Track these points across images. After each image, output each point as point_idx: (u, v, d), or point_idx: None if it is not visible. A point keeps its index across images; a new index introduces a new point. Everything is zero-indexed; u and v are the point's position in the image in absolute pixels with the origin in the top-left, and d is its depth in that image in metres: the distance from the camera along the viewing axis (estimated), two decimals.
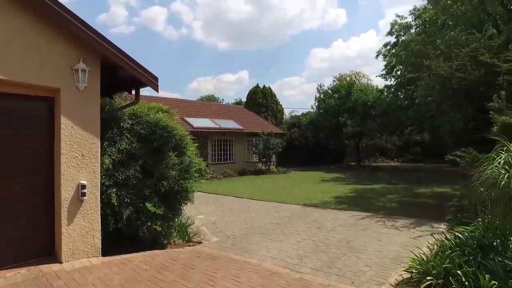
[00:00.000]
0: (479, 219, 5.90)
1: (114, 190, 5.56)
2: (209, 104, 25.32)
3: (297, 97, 79.45)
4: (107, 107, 6.09)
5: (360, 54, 71.62)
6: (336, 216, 9.02)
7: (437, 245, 5.31)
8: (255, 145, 23.07)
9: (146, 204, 5.85)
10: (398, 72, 23.38)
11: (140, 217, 5.83)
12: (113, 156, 5.64)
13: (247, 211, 10.02)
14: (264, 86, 30.81)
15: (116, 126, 5.88)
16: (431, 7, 18.17)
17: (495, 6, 11.82)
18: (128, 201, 5.66)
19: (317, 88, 29.68)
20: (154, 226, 5.87)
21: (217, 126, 21.38)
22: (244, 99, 34.64)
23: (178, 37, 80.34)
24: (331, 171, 24.09)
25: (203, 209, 10.36)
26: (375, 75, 46.60)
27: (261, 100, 29.77)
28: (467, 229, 5.74)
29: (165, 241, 6.29)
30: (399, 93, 22.38)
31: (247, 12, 71.53)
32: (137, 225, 5.84)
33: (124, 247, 6.15)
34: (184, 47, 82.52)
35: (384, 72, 23.76)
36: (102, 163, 5.38)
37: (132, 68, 5.13)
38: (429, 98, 14.94)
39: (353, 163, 31.29)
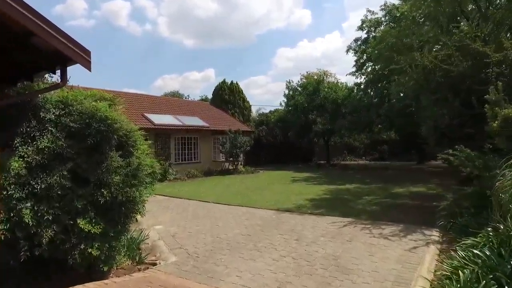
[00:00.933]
0: (488, 229, 5.00)
1: (29, 204, 4.07)
2: (172, 100, 23.68)
3: (263, 96, 79.25)
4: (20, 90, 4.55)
5: (325, 54, 73.09)
6: (315, 223, 7.94)
7: (448, 264, 4.33)
8: (222, 143, 21.72)
9: (78, 221, 4.39)
10: (368, 69, 22.96)
11: (69, 239, 4.37)
12: (28, 157, 4.14)
13: (213, 218, 8.71)
14: (231, 82, 29.49)
15: (34, 117, 4.38)
16: (403, 3, 17.78)
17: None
18: (51, 218, 4.19)
19: (286, 84, 28.82)
20: (90, 250, 4.43)
21: (181, 123, 19.80)
22: (210, 97, 33.10)
23: (142, 33, 77.08)
24: (301, 170, 23.25)
25: (162, 217, 8.93)
26: (341, 75, 46.94)
27: (227, 97, 28.43)
28: (477, 241, 4.83)
29: (105, 268, 4.83)
30: (369, 90, 21.92)
31: (214, 10, 69.89)
32: (65, 249, 4.38)
33: (51, 279, 4.69)
34: (149, 44, 79.35)
35: (354, 69, 23.27)
36: (8, 168, 3.89)
37: (50, 35, 3.67)
38: (402, 94, 14.37)
39: (322, 162, 30.76)
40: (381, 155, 33.39)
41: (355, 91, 24.38)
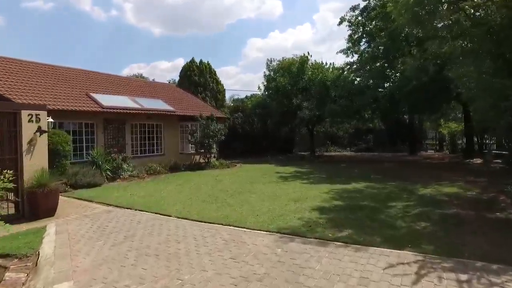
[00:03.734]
0: None
1: None
2: (128, 80, 19.43)
3: (234, 86, 75.70)
4: None
5: (296, 45, 71.56)
6: (358, 267, 4.48)
7: None
8: (191, 132, 17.87)
9: None
10: (362, 47, 19.76)
11: None
12: None
13: (174, 257, 5.05)
14: (201, 61, 25.46)
15: None
16: None
17: None
18: None
19: (267, 64, 25.17)
20: None
21: (139, 107, 15.74)
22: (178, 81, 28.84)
23: (107, 20, 70.68)
24: (284, 163, 19.91)
25: (82, 257, 5.15)
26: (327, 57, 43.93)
27: (197, 78, 24.46)
28: None
29: None
30: (367, 68, 18.72)
31: None
32: None
33: None
34: (115, 31, 73.09)
35: (349, 45, 19.91)
36: None
37: None
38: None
39: (304, 153, 27.63)
40: (367, 145, 30.75)
41: (346, 72, 21.16)
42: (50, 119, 9.75)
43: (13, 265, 5.07)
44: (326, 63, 24.32)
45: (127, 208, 8.47)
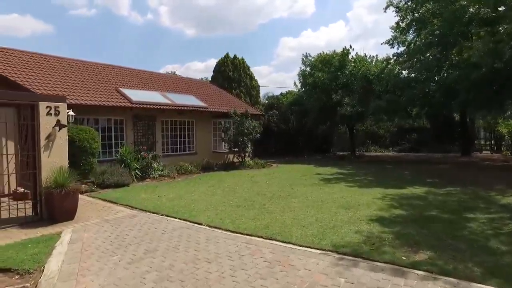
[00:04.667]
0: None
1: None
2: (159, 76, 18.69)
3: (265, 87, 74.65)
4: None
5: (329, 44, 69.24)
6: None
7: None
8: (225, 129, 16.85)
9: None
10: (410, 37, 17.82)
11: None
12: None
13: (204, 285, 3.89)
14: (235, 56, 24.45)
15: None
16: None
17: None
18: None
19: (302, 59, 23.69)
20: None
21: (170, 102, 14.91)
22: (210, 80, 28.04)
23: (144, 23, 72.33)
24: (323, 164, 18.43)
25: (94, 275, 4.13)
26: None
27: (231, 74, 23.46)
28: None
29: None
30: (417, 59, 16.74)
31: None
32: None
33: None
34: (151, 34, 74.68)
35: (395, 34, 18.00)
36: None
37: None
38: None
39: (343, 153, 25.90)
40: (410, 145, 28.38)
41: (391, 64, 19.25)
42: (71, 112, 9.00)
43: (9, 286, 4.14)
44: (369, 56, 22.51)
45: (153, 213, 7.48)
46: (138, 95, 13.99)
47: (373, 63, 21.60)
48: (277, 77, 75.51)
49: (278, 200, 8.72)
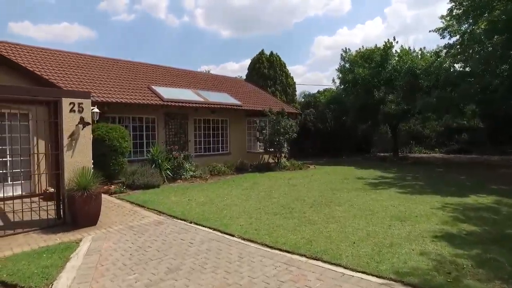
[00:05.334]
0: None
1: None
2: (192, 73, 18.20)
3: (300, 86, 72.98)
4: None
5: (366, 41, 66.65)
6: None
7: None
8: (260, 128, 16.02)
9: None
10: (466, 25, 16.01)
11: None
12: None
13: None
14: (271, 53, 23.57)
15: None
16: None
17: None
18: None
19: (341, 55, 22.35)
20: None
21: (203, 100, 14.31)
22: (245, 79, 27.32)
23: (180, 25, 73.67)
24: (364, 166, 17.12)
25: None
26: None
27: (267, 71, 22.60)
28: None
29: None
30: (475, 49, 14.94)
31: None
32: None
33: None
34: (186, 35, 75.89)
35: (448, 22, 16.23)
36: None
37: None
38: None
39: (384, 154, 24.26)
40: (461, 146, 26.07)
41: (443, 56, 17.48)
42: (96, 109, 8.54)
43: None
44: (414, 49, 20.75)
45: (180, 220, 6.77)
46: (170, 93, 13.50)
47: (420, 57, 19.84)
48: (311, 76, 73.82)
49: (319, 207, 7.74)
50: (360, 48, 21.84)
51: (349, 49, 22.38)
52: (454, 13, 15.69)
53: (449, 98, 15.94)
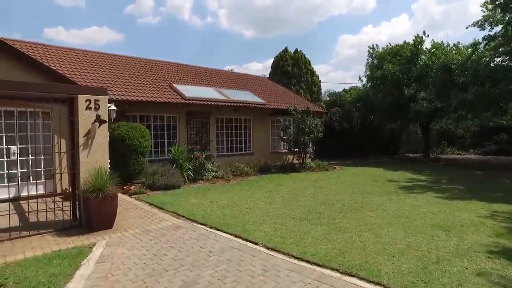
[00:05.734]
0: None
1: None
2: (214, 72, 17.81)
3: (325, 85, 71.49)
4: None
5: (392, 39, 64.17)
6: None
7: None
8: (284, 127, 15.45)
9: None
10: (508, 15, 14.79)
11: None
12: None
13: None
14: (295, 50, 22.93)
15: None
16: None
17: None
18: None
19: (369, 51, 21.38)
20: None
21: (225, 98, 13.90)
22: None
23: (203, 26, 74.28)
24: (393, 167, 16.24)
25: None
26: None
27: (290, 69, 21.97)
28: None
29: None
30: None
31: None
32: None
33: None
34: (210, 36, 76.41)
35: (488, 12, 15.04)
36: None
37: None
38: None
39: (413, 155, 23.07)
40: (499, 147, 24.44)
41: (482, 49, 16.28)
42: (113, 107, 8.24)
43: None
44: (448, 44, 19.51)
45: (200, 224, 6.34)
46: (191, 91, 13.18)
47: (454, 51, 18.63)
48: (336, 76, 72.33)
49: (350, 212, 7.11)
50: (388, 44, 20.81)
51: (377, 45, 21.40)
52: (497, 2, 14.49)
53: (489, 95, 14.78)
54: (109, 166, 6.78)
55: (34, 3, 59.72)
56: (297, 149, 15.37)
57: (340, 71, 73.18)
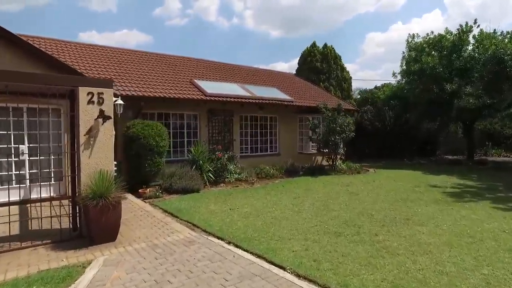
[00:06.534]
0: None
1: None
2: (238, 68, 16.84)
3: (353, 83, 69.12)
4: None
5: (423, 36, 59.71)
6: None
7: None
8: (313, 126, 14.27)
9: None
10: None
11: None
12: None
13: None
14: (324, 45, 21.62)
15: None
16: None
17: None
18: None
19: (407, 41, 19.68)
20: None
21: (250, 95, 12.93)
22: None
23: (229, 27, 74.29)
24: (432, 170, 14.77)
25: None
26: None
27: (319, 64, 20.69)
28: None
29: None
30: None
31: None
32: None
33: None
34: (236, 37, 76.35)
35: None
36: None
37: None
38: None
39: (454, 157, 21.17)
40: None
41: None
42: (119, 101, 7.40)
43: None
44: (502, 32, 17.53)
45: (217, 238, 5.38)
46: (214, 87, 12.30)
47: (507, 40, 16.71)
48: (363, 75, 69.86)
49: (395, 227, 5.93)
50: (430, 33, 19.00)
51: (417, 34, 19.62)
52: None
53: None
54: (116, 168, 5.96)
55: (71, 8, 62.16)
56: (327, 150, 14.16)
57: (367, 70, 70.70)
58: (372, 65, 71.05)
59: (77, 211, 5.53)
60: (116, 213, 5.23)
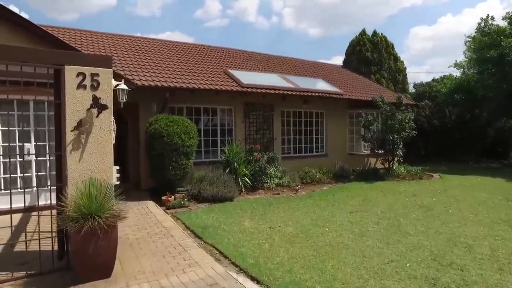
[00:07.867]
0: None
1: None
2: (278, 58, 14.93)
3: (410, 72, 64.51)
4: None
5: (474, 28, 53.87)
6: None
7: None
8: (367, 123, 12.18)
9: None
10: None
11: None
12: None
13: None
14: (374, 33, 19.24)
15: None
16: None
17: None
18: None
19: (478, 25, 16.75)
20: None
21: (293, 86, 11.14)
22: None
23: (269, 26, 73.34)
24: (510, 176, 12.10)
25: None
26: None
27: (370, 54, 18.36)
28: None
29: None
30: None
31: None
32: None
33: None
34: (275, 35, 75.32)
35: None
36: None
37: None
38: None
39: None
40: None
41: None
42: (123, 85, 5.79)
43: None
44: None
45: (251, 279, 3.72)
46: (251, 77, 10.67)
47: None
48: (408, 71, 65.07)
49: (509, 268, 3.91)
50: (508, 13, 15.94)
51: (492, 16, 16.59)
52: None
53: None
54: (118, 175, 4.49)
55: (119, 14, 64.49)
56: (382, 151, 12.02)
57: (413, 66, 65.89)
58: (417, 61, 66.09)
59: (64, 233, 4.10)
60: (110, 240, 3.71)
